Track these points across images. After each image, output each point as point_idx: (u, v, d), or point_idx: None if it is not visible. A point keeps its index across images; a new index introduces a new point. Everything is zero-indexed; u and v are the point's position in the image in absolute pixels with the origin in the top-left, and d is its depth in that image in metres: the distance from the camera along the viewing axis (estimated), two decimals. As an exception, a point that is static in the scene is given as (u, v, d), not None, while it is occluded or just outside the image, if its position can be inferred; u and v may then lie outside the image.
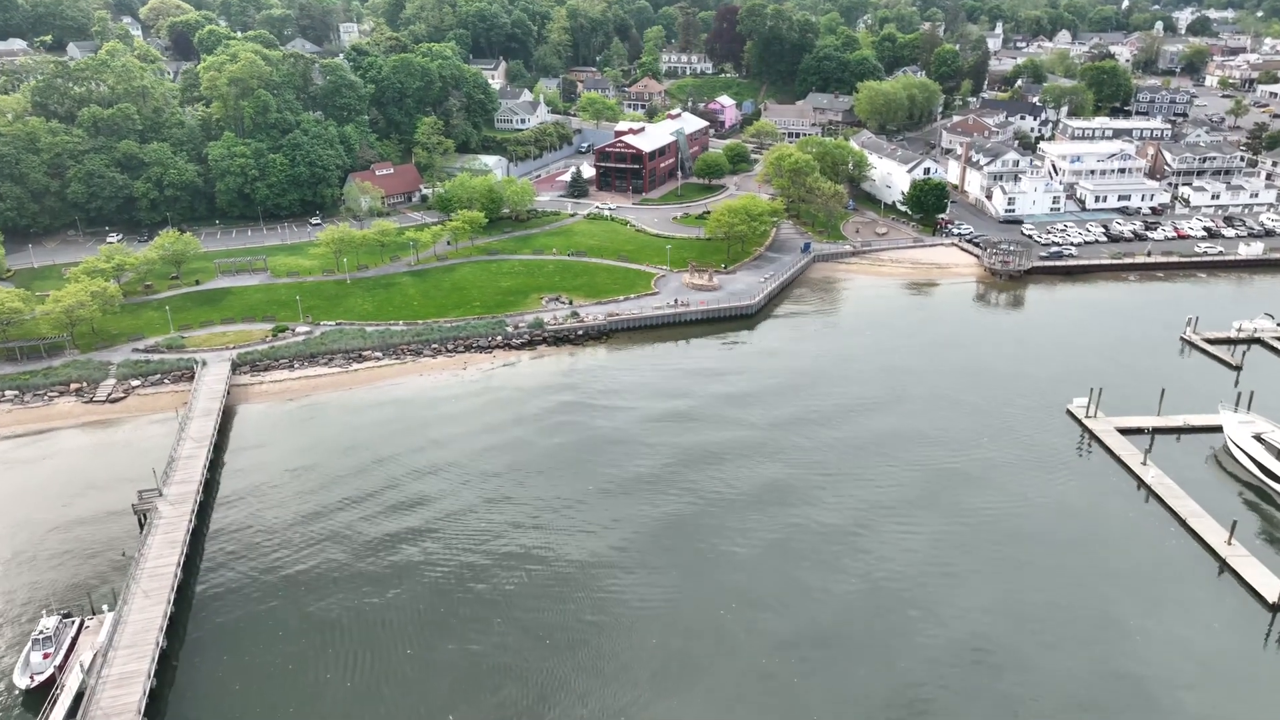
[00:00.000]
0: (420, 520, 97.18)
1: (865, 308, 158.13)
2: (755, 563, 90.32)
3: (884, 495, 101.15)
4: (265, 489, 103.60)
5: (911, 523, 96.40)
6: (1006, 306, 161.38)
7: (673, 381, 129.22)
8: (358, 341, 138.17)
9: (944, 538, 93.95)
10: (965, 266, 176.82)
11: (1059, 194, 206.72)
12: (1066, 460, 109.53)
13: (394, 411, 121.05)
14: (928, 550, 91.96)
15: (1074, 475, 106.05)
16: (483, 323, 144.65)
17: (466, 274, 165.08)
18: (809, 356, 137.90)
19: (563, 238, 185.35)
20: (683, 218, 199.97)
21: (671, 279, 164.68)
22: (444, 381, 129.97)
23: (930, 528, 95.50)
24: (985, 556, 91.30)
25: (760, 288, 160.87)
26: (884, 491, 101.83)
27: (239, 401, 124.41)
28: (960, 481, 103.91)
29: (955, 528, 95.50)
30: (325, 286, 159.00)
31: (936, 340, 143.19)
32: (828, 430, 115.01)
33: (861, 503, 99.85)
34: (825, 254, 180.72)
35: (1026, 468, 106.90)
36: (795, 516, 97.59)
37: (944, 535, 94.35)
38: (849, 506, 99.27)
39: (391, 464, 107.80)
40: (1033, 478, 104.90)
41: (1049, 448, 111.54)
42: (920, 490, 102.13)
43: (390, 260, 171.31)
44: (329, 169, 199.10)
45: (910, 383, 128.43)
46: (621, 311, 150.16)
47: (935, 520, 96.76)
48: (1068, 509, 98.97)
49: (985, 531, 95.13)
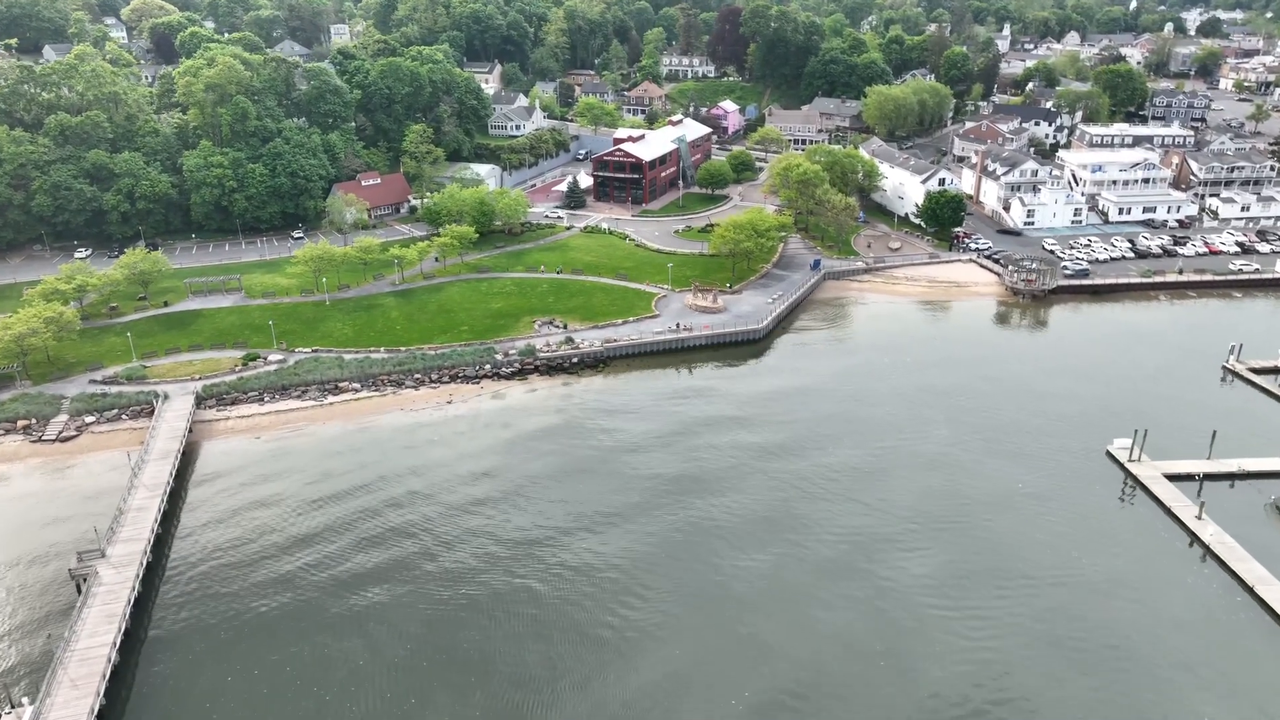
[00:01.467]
0: (392, 594, 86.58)
1: (881, 331, 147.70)
2: (778, 653, 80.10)
3: (915, 561, 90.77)
4: (223, 547, 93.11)
5: (949, 599, 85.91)
6: (1031, 330, 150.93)
7: (675, 416, 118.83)
8: (334, 371, 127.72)
9: (985, 617, 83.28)
10: (985, 285, 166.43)
11: (1080, 206, 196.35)
12: (1110, 513, 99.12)
13: (370, 454, 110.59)
14: (969, 637, 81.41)
15: (1120, 532, 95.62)
16: (470, 350, 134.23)
17: (454, 294, 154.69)
18: (822, 387, 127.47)
19: (558, 253, 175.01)
20: (685, 231, 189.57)
21: (673, 300, 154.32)
22: (425, 417, 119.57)
23: (970, 604, 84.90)
24: (1031, 637, 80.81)
25: (768, 309, 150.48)
26: (915, 557, 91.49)
27: (202, 439, 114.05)
28: (995, 544, 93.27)
29: (994, 605, 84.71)
30: (302, 309, 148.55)
31: (959, 367, 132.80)
32: (846, 482, 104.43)
33: (891, 577, 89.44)
34: (836, 271, 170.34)
35: (1067, 523, 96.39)
36: (812, 601, 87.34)
37: (985, 615, 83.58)
38: (878, 581, 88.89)
39: (364, 521, 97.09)
40: (1075, 535, 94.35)
41: (1090, 498, 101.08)
42: (954, 553, 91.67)
43: (373, 279, 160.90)
44: (312, 179, 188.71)
45: (933, 418, 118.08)
46: (620, 337, 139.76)
47: (975, 594, 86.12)
48: (1118, 577, 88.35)
49: (1025, 605, 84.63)
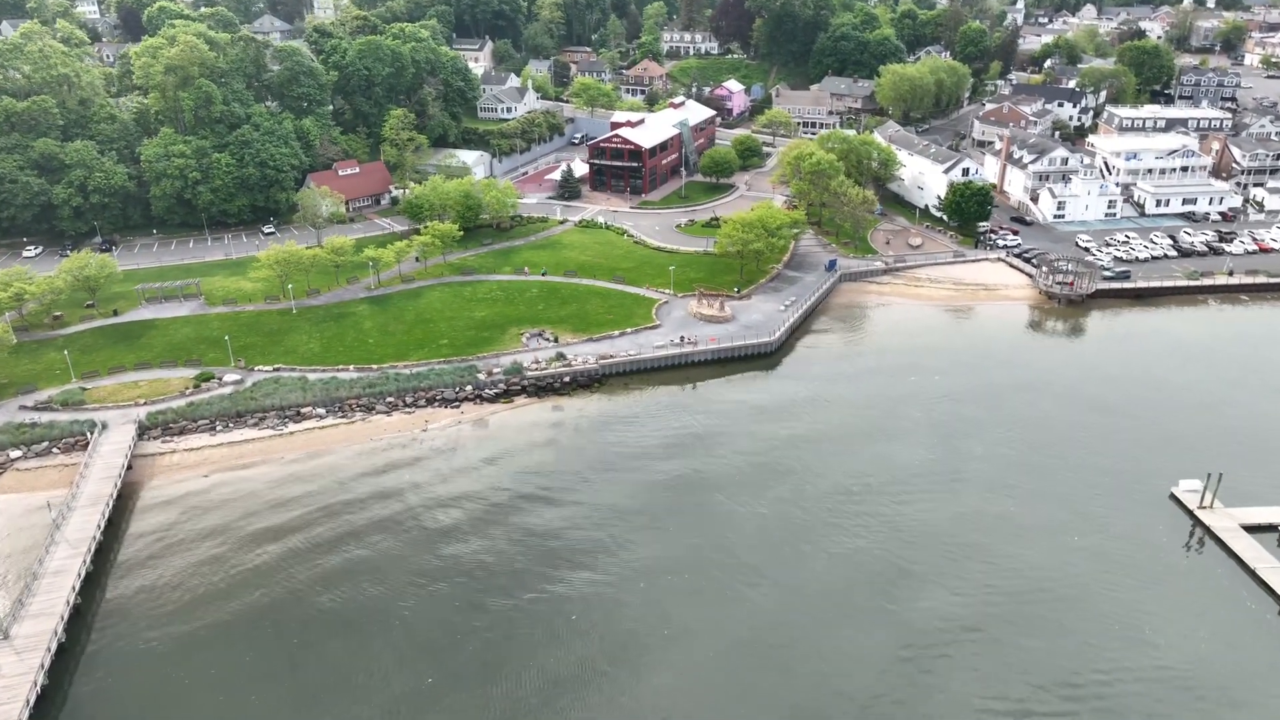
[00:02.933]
0: (350, 698, 73.61)
1: (904, 344, 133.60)
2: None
3: (960, 631, 77.63)
4: (153, 620, 79.86)
5: (996, 685, 72.91)
6: (1071, 342, 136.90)
7: (680, 444, 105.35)
8: (296, 395, 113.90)
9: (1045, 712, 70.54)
10: (1016, 288, 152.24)
11: (1115, 197, 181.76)
12: (1183, 575, 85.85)
13: (332, 495, 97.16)
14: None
15: (1198, 600, 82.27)
16: (449, 368, 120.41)
17: (434, 300, 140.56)
18: (841, 410, 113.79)
19: (549, 252, 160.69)
20: (688, 226, 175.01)
21: (675, 306, 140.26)
22: (397, 449, 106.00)
23: (1019, 691, 72.01)
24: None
25: (780, 318, 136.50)
26: (959, 627, 78.31)
27: (143, 479, 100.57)
28: (1056, 625, 79.82)
29: (1055, 697, 71.90)
30: (266, 319, 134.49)
31: (994, 390, 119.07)
32: (873, 529, 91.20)
33: (929, 643, 76.38)
34: (853, 272, 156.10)
35: (1134, 589, 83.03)
36: (836, 677, 74.23)
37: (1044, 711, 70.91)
38: (917, 653, 75.82)
39: (323, 588, 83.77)
40: (1146, 607, 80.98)
41: (1159, 556, 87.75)
42: (1010, 634, 78.45)
43: (346, 283, 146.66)
44: (283, 170, 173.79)
45: (969, 450, 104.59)
46: (616, 352, 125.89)
47: (1044, 702, 73.21)
48: (1202, 659, 75.26)
49: (1094, 700, 71.61)
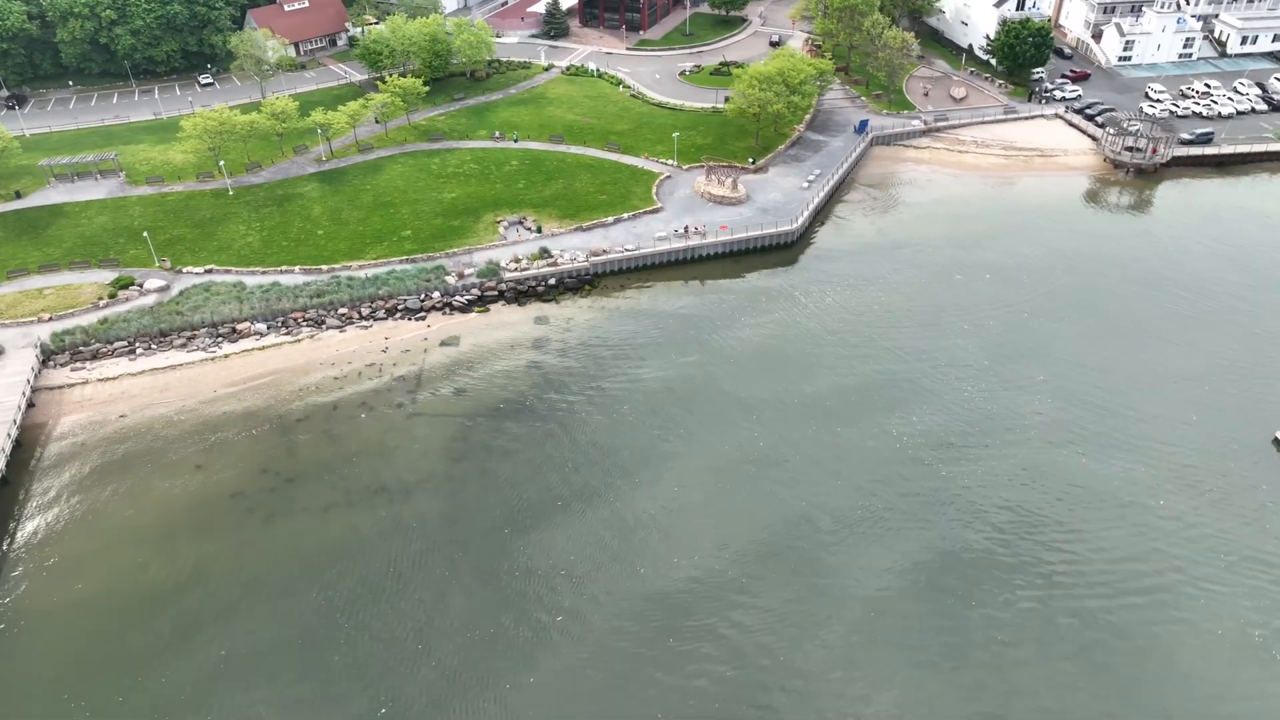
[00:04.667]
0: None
1: (947, 228, 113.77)
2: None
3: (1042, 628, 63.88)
4: (37, 634, 66.02)
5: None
6: (1143, 224, 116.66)
7: (686, 380, 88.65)
8: (232, 308, 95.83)
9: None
10: (1076, 154, 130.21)
11: (1194, 34, 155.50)
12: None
13: (272, 443, 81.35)
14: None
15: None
16: (413, 270, 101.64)
17: (396, 177, 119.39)
18: (874, 325, 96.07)
19: (532, 108, 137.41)
20: (694, 74, 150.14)
21: (680, 182, 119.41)
22: (351, 378, 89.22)
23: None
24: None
25: (802, 198, 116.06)
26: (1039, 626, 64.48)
27: (46, 419, 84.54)
28: (1141, 638, 66.08)
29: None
30: (197, 202, 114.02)
31: (1052, 291, 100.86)
32: (921, 483, 76.00)
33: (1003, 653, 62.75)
34: (886, 134, 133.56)
35: (1239, 577, 68.71)
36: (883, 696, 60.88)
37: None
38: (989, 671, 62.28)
39: (256, 580, 69.44)
40: (1256, 581, 67.17)
41: (1269, 526, 72.95)
42: (1078, 649, 64.70)
43: (294, 153, 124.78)
44: (216, 6, 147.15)
45: (1031, 378, 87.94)
46: (610, 245, 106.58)
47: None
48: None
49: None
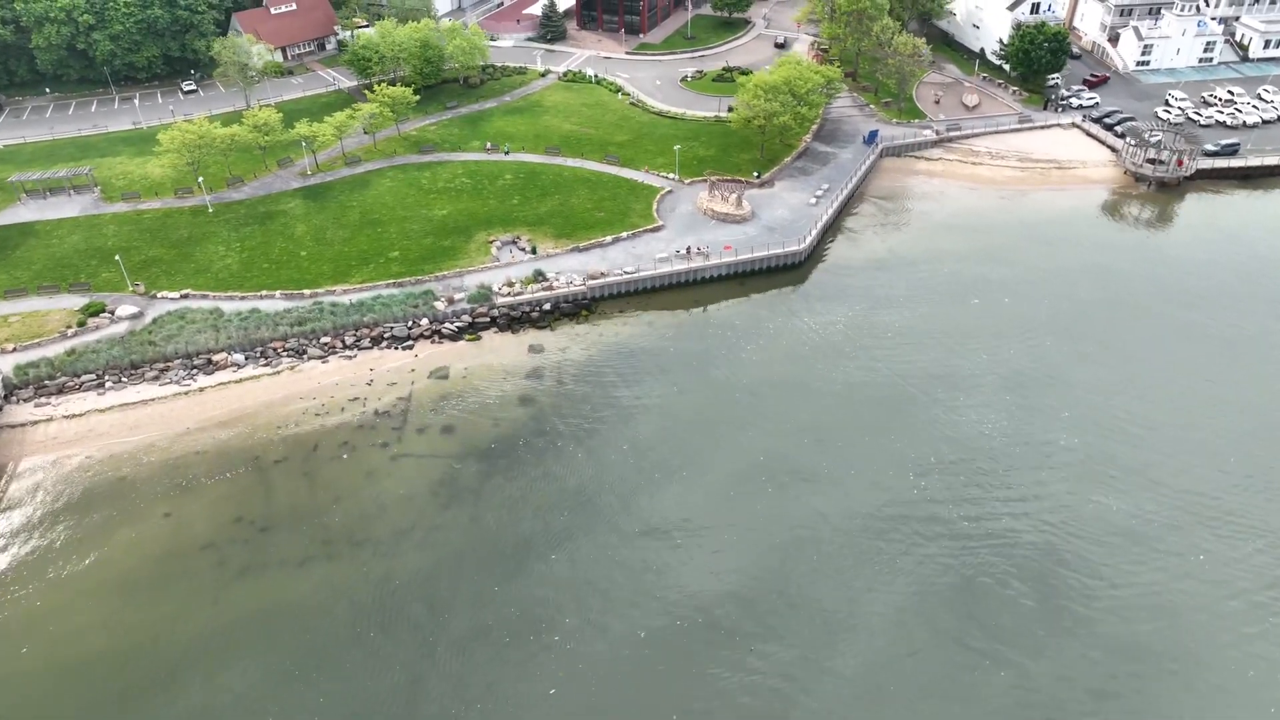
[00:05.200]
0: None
1: (963, 245, 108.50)
2: None
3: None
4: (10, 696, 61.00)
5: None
6: (1168, 241, 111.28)
7: (690, 415, 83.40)
8: (208, 337, 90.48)
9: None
10: (1095, 166, 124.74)
11: (1215, 38, 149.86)
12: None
13: (245, 483, 76.22)
14: None
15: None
16: (400, 295, 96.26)
17: (384, 192, 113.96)
18: (888, 352, 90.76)
19: (527, 118, 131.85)
20: (695, 80, 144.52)
21: (681, 197, 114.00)
22: (334, 413, 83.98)
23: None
24: None
25: (810, 215, 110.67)
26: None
27: (6, 461, 79.37)
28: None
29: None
30: (175, 221, 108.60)
31: (1077, 315, 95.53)
32: (939, 528, 70.81)
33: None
34: (897, 144, 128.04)
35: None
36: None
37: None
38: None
39: (225, 645, 64.23)
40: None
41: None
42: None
43: (277, 166, 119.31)
44: (199, 10, 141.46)
45: (1054, 412, 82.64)
46: (608, 267, 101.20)
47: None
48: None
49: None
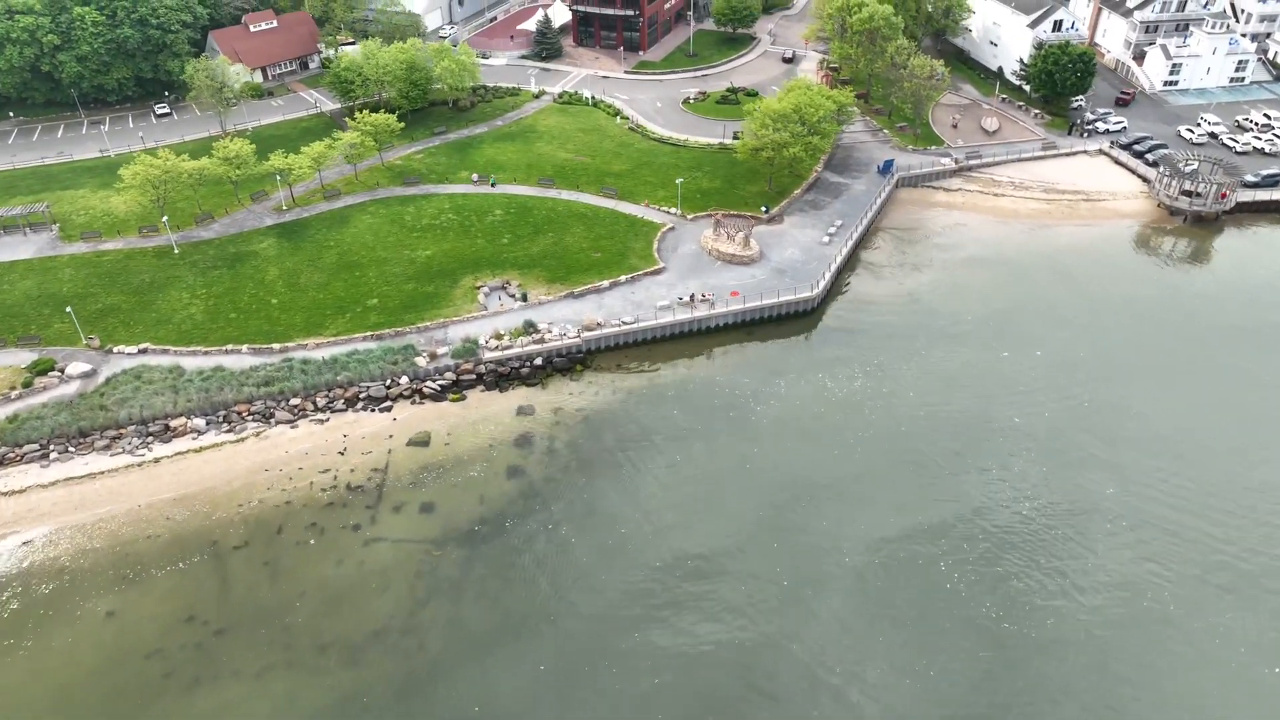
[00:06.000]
0: None
1: (987, 288, 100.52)
2: None
3: None
4: None
5: None
6: (1212, 284, 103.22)
7: (695, 457, 75.53)
8: (166, 400, 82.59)
9: None
10: (1125, 197, 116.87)
11: (1247, 56, 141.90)
12: None
13: (200, 574, 68.41)
14: None
15: None
16: (378, 349, 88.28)
17: (364, 230, 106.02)
18: (910, 417, 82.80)
19: (520, 145, 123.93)
20: (698, 102, 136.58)
21: (684, 235, 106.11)
22: (302, 485, 76.10)
23: None
24: None
25: (823, 256, 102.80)
26: None
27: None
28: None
29: None
30: (137, 263, 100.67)
31: (1118, 375, 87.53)
32: (980, 641, 62.96)
33: None
34: (913, 173, 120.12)
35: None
36: None
37: None
38: None
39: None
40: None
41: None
42: None
43: (250, 201, 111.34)
44: (172, 28, 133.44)
45: (1099, 489, 74.82)
46: (604, 316, 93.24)
47: None
48: None
49: None
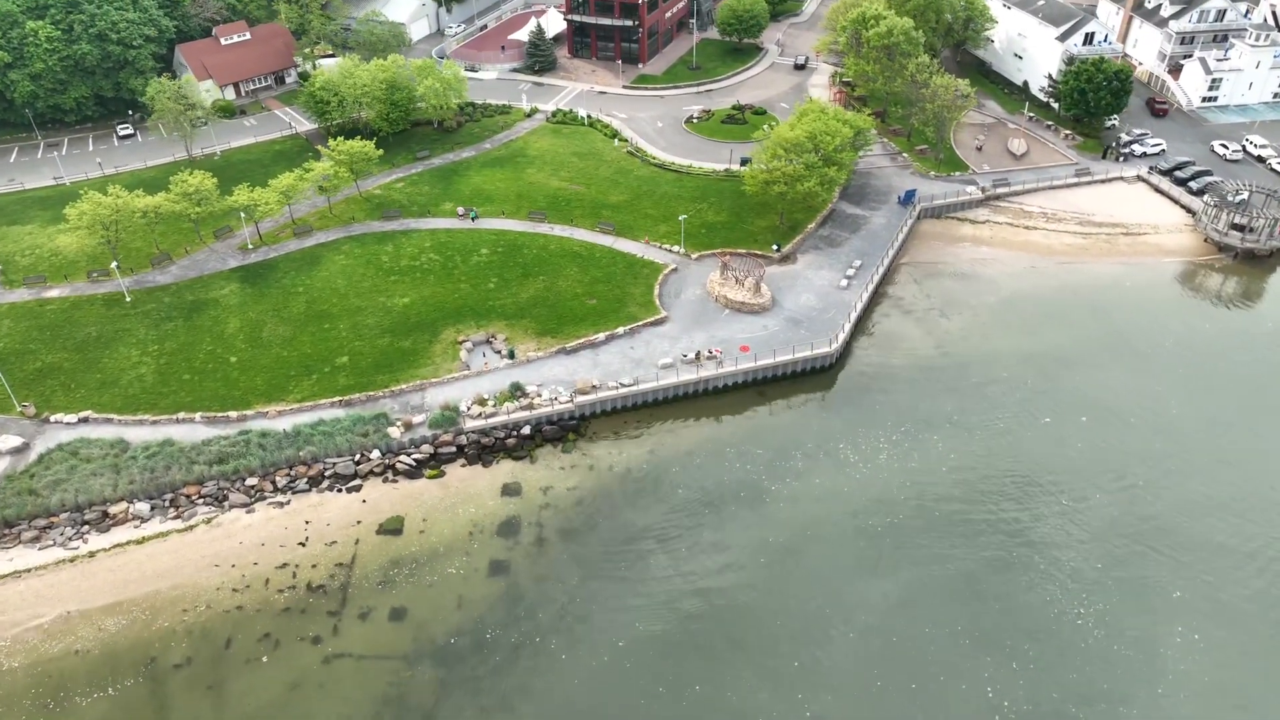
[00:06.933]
0: None
1: (1021, 339, 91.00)
2: None
3: None
4: None
5: None
6: (1270, 329, 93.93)
7: (700, 550, 66.32)
8: (105, 481, 73.30)
9: None
10: (1167, 231, 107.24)
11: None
12: None
13: (134, 700, 59.28)
14: None
15: None
16: (348, 417, 78.89)
17: (337, 273, 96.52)
18: (941, 498, 73.61)
19: (510, 171, 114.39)
20: (701, 120, 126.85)
21: (688, 277, 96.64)
22: (256, 585, 66.94)
23: None
24: None
25: (840, 300, 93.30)
26: None
27: None
28: None
29: None
30: (84, 313, 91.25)
31: (1175, 445, 78.10)
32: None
33: None
34: (936, 203, 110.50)
35: None
36: None
37: None
38: None
39: None
40: None
41: None
42: None
43: (214, 237, 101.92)
44: (135, 43, 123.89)
45: (1163, 591, 65.61)
46: (600, 377, 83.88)
47: None
48: None
49: None
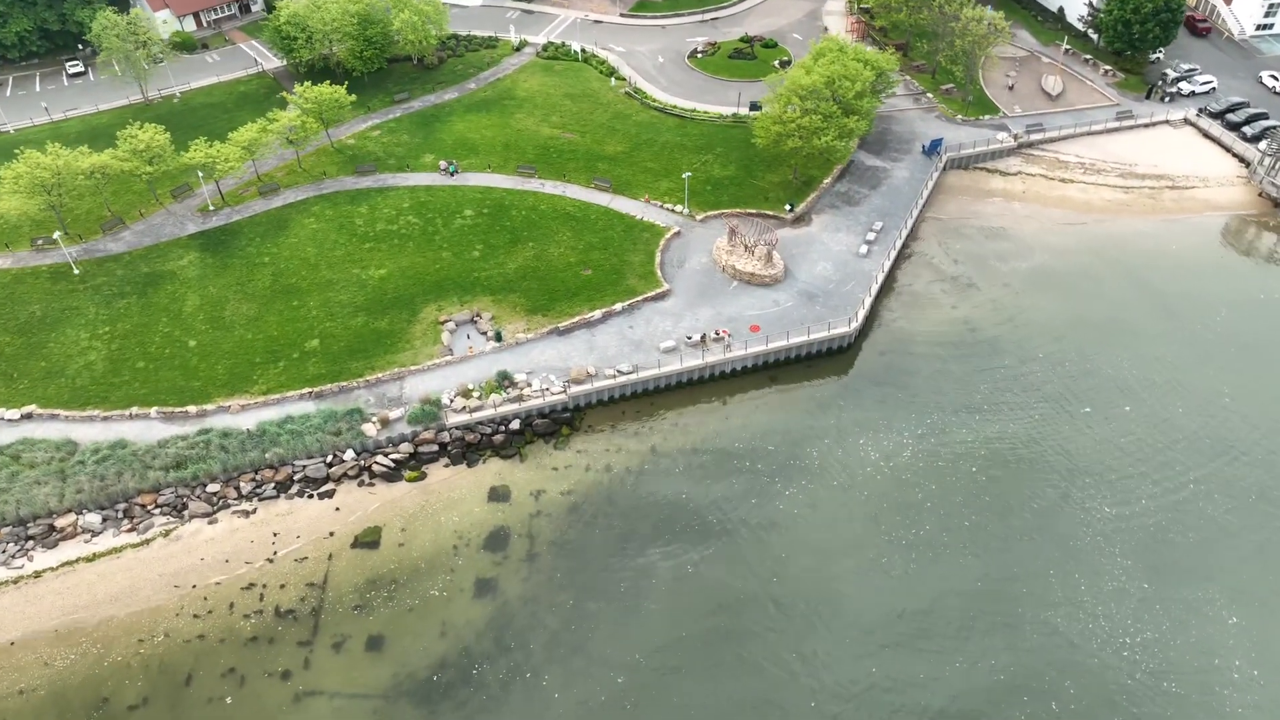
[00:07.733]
0: None
1: (1057, 312, 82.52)
2: None
3: None
4: None
5: None
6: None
7: (706, 566, 60.07)
8: (50, 490, 66.25)
9: None
10: (1218, 183, 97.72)
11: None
12: None
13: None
14: None
15: None
16: (319, 413, 71.39)
17: (306, 239, 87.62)
18: (969, 507, 66.79)
19: (496, 116, 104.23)
20: (707, 55, 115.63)
21: (693, 242, 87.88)
22: (219, 609, 60.81)
23: None
24: None
25: (858, 270, 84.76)
26: None
27: None
28: None
29: None
30: (28, 288, 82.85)
31: (1228, 441, 70.89)
32: None
33: None
34: (964, 153, 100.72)
35: None
36: None
37: None
38: None
39: None
40: None
41: None
42: None
43: (171, 198, 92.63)
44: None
45: (1219, 622, 59.46)
46: (596, 361, 76.15)
47: None
48: None
49: None
